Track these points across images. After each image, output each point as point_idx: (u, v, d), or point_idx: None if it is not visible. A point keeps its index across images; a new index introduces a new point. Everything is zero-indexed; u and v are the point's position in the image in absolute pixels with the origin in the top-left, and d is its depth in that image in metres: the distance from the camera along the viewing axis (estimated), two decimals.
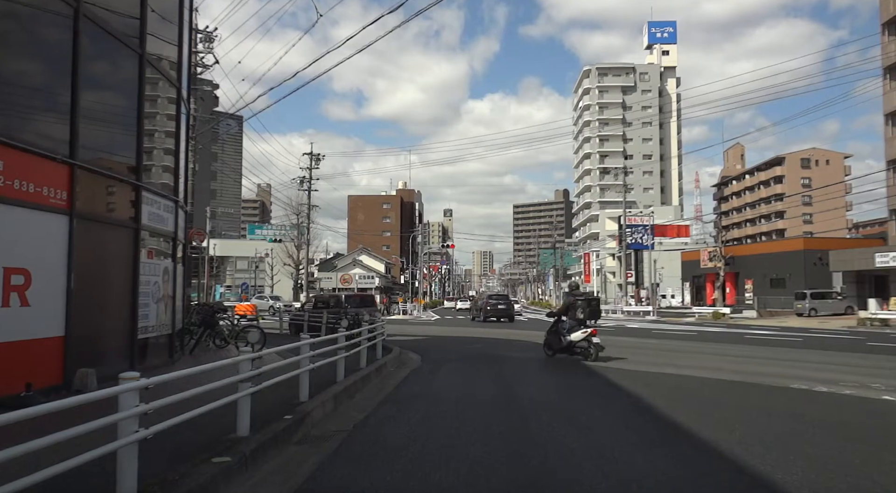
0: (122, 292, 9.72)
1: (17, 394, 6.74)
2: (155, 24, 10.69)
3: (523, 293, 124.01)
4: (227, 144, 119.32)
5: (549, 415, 7.88)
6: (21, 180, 7.19)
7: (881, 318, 30.71)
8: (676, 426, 7.09)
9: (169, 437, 4.49)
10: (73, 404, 3.42)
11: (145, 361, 10.08)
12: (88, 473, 3.74)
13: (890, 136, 44.28)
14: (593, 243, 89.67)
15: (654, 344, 19.69)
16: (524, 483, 4.87)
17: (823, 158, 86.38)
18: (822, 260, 44.12)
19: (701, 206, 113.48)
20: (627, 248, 51.86)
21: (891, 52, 43.46)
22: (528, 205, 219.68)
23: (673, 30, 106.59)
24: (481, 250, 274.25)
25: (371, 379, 10.74)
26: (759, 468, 5.16)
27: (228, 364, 5.86)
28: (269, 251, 60.84)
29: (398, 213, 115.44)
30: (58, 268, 7.83)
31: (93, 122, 9.00)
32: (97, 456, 3.58)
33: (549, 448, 6.01)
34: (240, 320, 19.94)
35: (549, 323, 14.78)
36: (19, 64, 8.01)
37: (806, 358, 15.25)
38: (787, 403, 8.77)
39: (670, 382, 10.95)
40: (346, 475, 5.12)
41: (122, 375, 3.97)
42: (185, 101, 12.73)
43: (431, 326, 33.35)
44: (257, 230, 65.28)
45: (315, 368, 8.11)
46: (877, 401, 8.89)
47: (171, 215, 11.52)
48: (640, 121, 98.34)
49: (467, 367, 13.56)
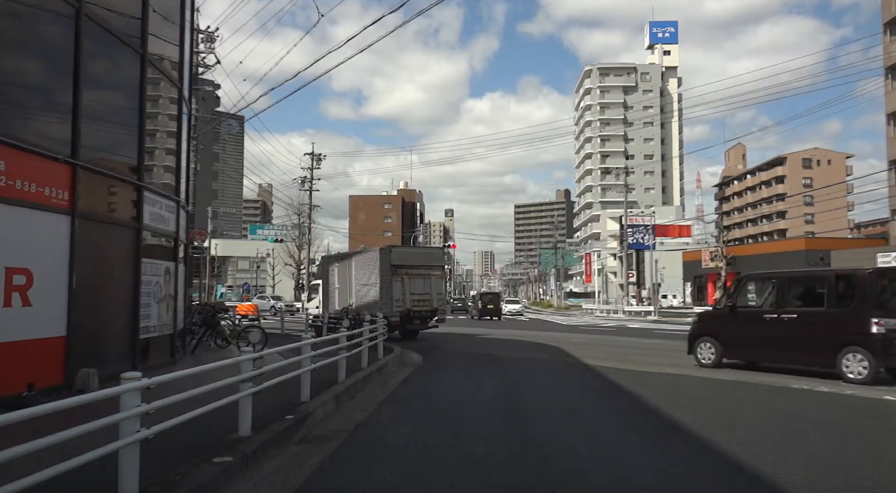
0: (124, 291, 9.74)
1: (19, 394, 6.75)
2: (156, 24, 10.71)
3: (524, 293, 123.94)
4: (229, 144, 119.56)
5: (549, 414, 7.89)
6: (23, 180, 7.20)
7: None
8: (677, 425, 7.10)
9: (170, 437, 4.49)
10: (74, 404, 3.43)
11: (147, 361, 10.09)
12: (90, 473, 3.75)
13: (892, 135, 44.24)
14: (594, 243, 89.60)
15: (654, 344, 19.68)
16: (525, 483, 4.88)
17: (825, 158, 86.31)
18: (823, 260, 44.04)
19: (702, 206, 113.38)
20: (629, 248, 51.85)
21: (892, 52, 43.41)
22: (530, 205, 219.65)
23: (674, 30, 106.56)
24: (482, 250, 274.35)
25: (372, 379, 10.75)
26: (759, 468, 5.16)
27: (230, 364, 5.87)
28: (271, 251, 60.89)
29: (399, 213, 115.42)
30: (59, 268, 7.84)
31: (94, 122, 9.00)
32: (99, 456, 3.59)
33: (550, 448, 6.02)
34: (241, 320, 19.96)
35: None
36: (21, 64, 8.02)
37: None
38: (788, 403, 8.78)
39: (671, 381, 10.95)
40: (347, 475, 5.13)
41: (124, 375, 3.98)
42: (187, 101, 12.74)
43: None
44: (258, 230, 65.45)
45: (316, 368, 8.12)
46: (878, 401, 8.89)
47: (173, 215, 11.53)
48: (641, 121, 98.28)
49: (468, 366, 13.57)
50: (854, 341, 10.37)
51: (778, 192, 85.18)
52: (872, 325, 10.17)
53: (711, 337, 12.76)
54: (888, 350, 10.14)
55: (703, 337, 12.98)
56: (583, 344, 19.45)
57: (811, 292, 11.74)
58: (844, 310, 10.75)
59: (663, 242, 60.86)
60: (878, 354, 10.10)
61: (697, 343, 13.08)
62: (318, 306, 23.66)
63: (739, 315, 12.47)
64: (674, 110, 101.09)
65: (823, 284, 11.46)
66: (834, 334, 10.64)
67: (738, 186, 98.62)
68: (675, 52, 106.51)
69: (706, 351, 12.78)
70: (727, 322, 12.57)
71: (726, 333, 12.54)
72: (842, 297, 11.00)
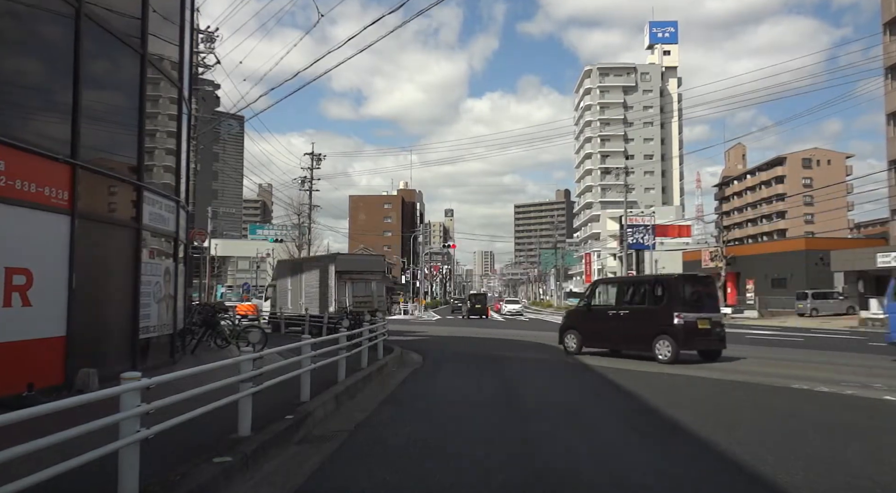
0: (124, 291, 9.74)
1: (19, 394, 6.75)
2: (156, 24, 10.70)
3: (524, 293, 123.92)
4: (229, 144, 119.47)
5: (549, 414, 7.89)
6: (23, 180, 7.20)
7: (883, 318, 30.64)
8: (677, 425, 7.10)
9: (170, 437, 4.49)
10: (74, 404, 3.43)
11: (147, 361, 10.09)
12: (90, 473, 3.75)
13: (892, 136, 44.23)
14: (594, 243, 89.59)
15: None
16: (525, 483, 4.88)
17: (825, 158, 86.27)
18: (823, 260, 44.04)
19: (702, 206, 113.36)
20: (629, 248, 51.84)
21: (892, 52, 43.40)
22: (529, 205, 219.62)
23: (674, 30, 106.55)
24: (482, 250, 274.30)
25: (372, 379, 10.75)
26: (759, 468, 5.16)
27: (230, 364, 5.87)
28: (271, 251, 60.77)
29: (399, 213, 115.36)
30: (59, 268, 7.84)
31: (94, 122, 9.00)
32: (99, 456, 3.59)
33: (550, 448, 6.02)
34: (241, 320, 19.96)
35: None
36: (21, 64, 8.02)
37: (807, 358, 15.25)
38: (788, 403, 8.77)
39: (671, 381, 10.95)
40: (347, 475, 5.12)
41: (124, 375, 3.98)
42: (187, 101, 12.74)
43: (432, 326, 33.37)
44: (258, 230, 65.30)
45: (316, 368, 8.12)
46: (878, 401, 8.89)
47: (173, 215, 11.53)
48: (641, 121, 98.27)
49: (468, 366, 13.58)
50: (664, 330, 13.35)
51: (778, 192, 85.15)
52: (675, 318, 13.18)
53: (574, 329, 15.82)
54: (687, 337, 13.27)
55: (568, 330, 16.03)
56: None
57: (638, 293, 14.70)
58: (658, 307, 13.71)
59: (663, 242, 60.86)
60: (679, 340, 13.21)
61: (564, 335, 16.04)
62: (273, 305, 26.20)
63: (592, 312, 15.49)
64: (674, 110, 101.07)
65: (646, 287, 14.61)
66: (651, 325, 13.62)
67: (738, 186, 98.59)
68: (675, 52, 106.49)
69: (570, 341, 15.79)
70: (584, 318, 15.77)
71: (584, 326, 15.61)
72: (658, 297, 13.96)
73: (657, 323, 13.48)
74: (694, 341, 13.45)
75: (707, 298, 14.31)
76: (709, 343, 13.75)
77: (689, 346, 13.48)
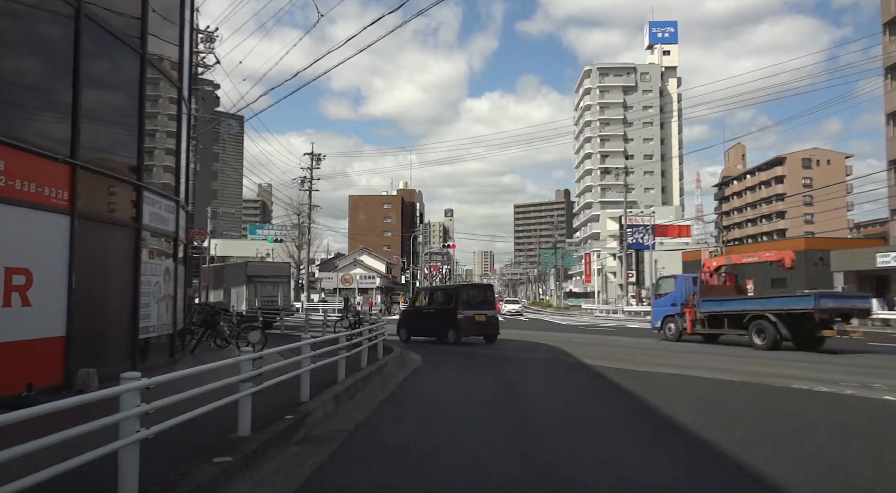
0: (124, 291, 9.73)
1: (19, 394, 6.74)
2: (156, 24, 10.70)
3: (524, 293, 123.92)
4: (228, 144, 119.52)
5: (549, 414, 7.89)
6: (22, 180, 7.19)
7: (882, 318, 30.65)
8: (677, 425, 7.09)
9: (170, 437, 4.49)
10: (74, 404, 3.42)
11: (146, 361, 10.09)
12: (90, 473, 3.74)
13: (891, 135, 44.24)
14: (594, 243, 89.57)
15: (654, 344, 19.69)
16: (525, 483, 4.88)
17: (825, 158, 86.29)
18: (823, 260, 44.02)
19: (702, 206, 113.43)
20: (628, 248, 51.84)
21: (892, 52, 43.42)
22: (529, 205, 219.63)
23: (674, 30, 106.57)
24: (482, 250, 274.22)
25: (372, 379, 10.74)
26: (759, 468, 5.16)
27: (229, 364, 5.86)
28: (270, 251, 60.82)
29: (399, 213, 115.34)
30: (59, 268, 7.83)
31: (94, 122, 9.00)
32: (98, 456, 3.58)
33: (550, 448, 6.02)
34: (241, 320, 19.90)
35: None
36: (21, 64, 8.02)
37: (807, 358, 15.25)
38: (788, 403, 8.78)
39: (671, 381, 10.95)
40: (346, 475, 5.12)
41: (124, 375, 3.97)
42: (187, 101, 12.73)
43: None
44: (258, 230, 65.36)
45: (316, 368, 8.12)
46: (878, 401, 8.89)
47: (172, 215, 11.52)
48: (641, 121, 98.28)
49: (468, 367, 13.57)
50: (452, 324, 18.91)
51: (777, 192, 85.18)
52: (458, 314, 18.73)
53: (406, 325, 20.82)
54: (465, 327, 18.84)
55: (402, 325, 20.92)
56: (582, 344, 19.46)
57: (441, 297, 20.59)
58: (450, 307, 19.22)
59: (663, 242, 60.81)
60: (461, 330, 18.81)
61: (399, 329, 20.60)
62: (220, 299, 30.28)
63: (417, 311, 21.15)
64: (673, 110, 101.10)
65: (445, 292, 20.86)
66: (446, 320, 19.08)
67: (738, 186, 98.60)
68: (675, 52, 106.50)
69: (403, 334, 20.40)
70: (412, 315, 21.32)
71: (412, 321, 20.89)
72: (450, 300, 19.51)
73: (449, 318, 18.96)
74: (472, 329, 19.08)
75: (484, 301, 19.76)
76: (488, 331, 19.50)
77: (469, 333, 19.13)
